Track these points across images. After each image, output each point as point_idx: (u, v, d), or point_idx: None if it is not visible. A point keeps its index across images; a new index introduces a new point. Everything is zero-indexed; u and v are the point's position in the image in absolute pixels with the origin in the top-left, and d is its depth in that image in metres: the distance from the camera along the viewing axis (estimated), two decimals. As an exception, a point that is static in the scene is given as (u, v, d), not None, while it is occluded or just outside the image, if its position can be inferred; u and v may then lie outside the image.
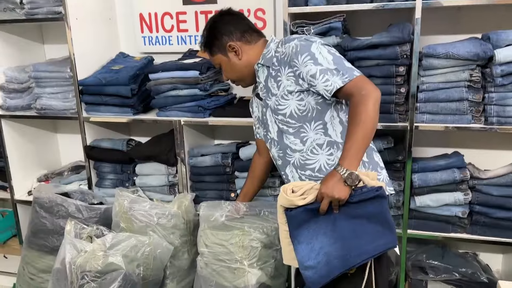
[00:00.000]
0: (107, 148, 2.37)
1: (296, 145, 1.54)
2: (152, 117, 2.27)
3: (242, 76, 1.66)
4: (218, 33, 1.61)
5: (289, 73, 1.49)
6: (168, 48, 2.52)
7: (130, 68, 2.30)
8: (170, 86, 2.18)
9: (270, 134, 1.64)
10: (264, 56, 1.59)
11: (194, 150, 2.27)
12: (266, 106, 1.61)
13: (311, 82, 1.44)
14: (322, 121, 1.50)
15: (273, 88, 1.55)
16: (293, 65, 1.47)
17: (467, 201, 1.93)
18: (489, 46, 1.76)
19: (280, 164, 1.64)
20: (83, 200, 2.34)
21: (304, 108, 1.50)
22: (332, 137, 1.51)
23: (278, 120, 1.56)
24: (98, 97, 2.28)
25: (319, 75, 1.41)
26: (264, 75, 1.60)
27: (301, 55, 1.44)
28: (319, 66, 1.41)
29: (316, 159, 1.52)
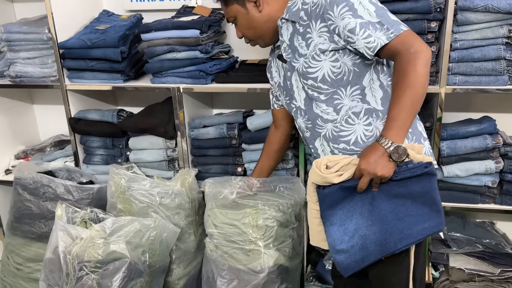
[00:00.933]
0: (95, 120, 2.11)
1: (329, 114, 1.33)
2: (146, 84, 2.01)
3: (262, 32, 1.42)
4: None
5: (321, 28, 1.26)
6: (159, 4, 2.22)
7: (118, 27, 2.01)
8: (166, 48, 1.91)
9: (295, 102, 1.43)
10: (289, 9, 1.35)
11: (196, 121, 2.03)
12: (292, 69, 1.38)
13: (349, 39, 1.22)
14: (359, 86, 1.29)
15: (300, 47, 1.32)
16: (327, 18, 1.24)
17: (499, 169, 1.79)
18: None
19: (308, 136, 1.43)
20: (69, 179, 2.09)
21: (339, 71, 1.28)
22: (371, 104, 1.30)
23: (307, 86, 1.34)
24: (83, 61, 1.99)
25: (359, 29, 1.19)
26: (288, 32, 1.37)
27: (337, 5, 1.22)
28: (359, 18, 1.19)
29: (352, 129, 1.31)
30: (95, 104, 2.27)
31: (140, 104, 2.34)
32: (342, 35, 1.23)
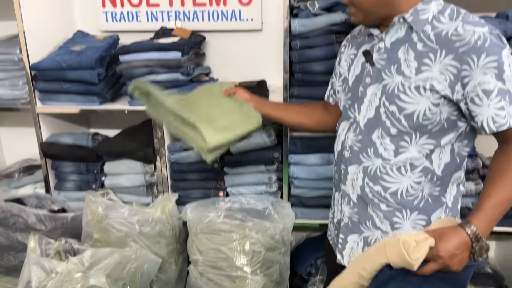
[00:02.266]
0: (68, 145, 2.01)
1: (386, 151, 1.16)
2: (124, 107, 1.93)
3: (374, 10, 1.13)
4: None
5: (450, 67, 1.05)
6: (136, 25, 2.17)
7: (95, 48, 1.94)
8: (146, 70, 1.86)
9: (356, 114, 1.22)
10: (416, 13, 1.10)
11: (176, 144, 1.97)
12: (377, 79, 1.16)
13: (477, 99, 1.03)
14: (435, 142, 1.13)
15: (406, 65, 1.10)
16: (466, 60, 1.02)
17: (479, 191, 1.83)
18: (509, 24, 1.63)
19: (346, 156, 1.24)
20: (39, 206, 1.98)
21: (431, 117, 1.10)
22: (433, 165, 1.15)
23: (387, 110, 1.14)
24: (57, 83, 1.90)
25: (496, 95, 1.01)
26: (395, 36, 1.14)
27: (486, 54, 1.01)
28: (500, 82, 1.01)
29: (399, 180, 1.17)
30: (68, 127, 2.17)
31: (116, 127, 2.26)
32: (468, 90, 1.04)
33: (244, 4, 2.07)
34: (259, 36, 2.13)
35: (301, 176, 1.89)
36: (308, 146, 1.88)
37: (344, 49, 1.34)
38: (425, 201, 1.18)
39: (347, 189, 1.27)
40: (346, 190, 1.28)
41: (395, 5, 1.11)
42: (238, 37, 2.16)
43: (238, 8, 2.08)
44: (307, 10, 1.71)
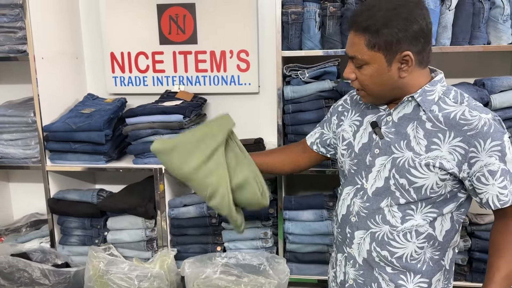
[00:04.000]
0: (74, 201, 2.11)
1: (394, 218, 1.22)
2: (129, 165, 2.06)
3: (382, 94, 1.20)
4: (402, 29, 1.09)
5: (457, 147, 1.13)
6: (142, 89, 2.34)
7: (104, 111, 2.09)
8: (150, 131, 2.00)
9: (364, 182, 1.26)
10: (424, 93, 1.17)
11: (176, 200, 2.07)
12: (386, 152, 1.22)
13: (483, 178, 1.12)
14: (438, 211, 1.21)
15: (416, 142, 1.17)
16: (473, 144, 1.11)
17: (467, 247, 1.89)
18: (485, 92, 1.76)
19: (353, 221, 1.28)
20: (44, 261, 2.05)
21: (438, 190, 1.18)
22: (435, 231, 1.23)
23: (397, 182, 1.20)
24: (66, 144, 2.04)
25: (499, 175, 1.11)
26: (402, 112, 1.21)
27: (492, 139, 1.11)
28: (503, 164, 1.11)
29: (405, 246, 1.23)
30: (74, 184, 2.28)
31: (120, 183, 2.37)
32: (474, 169, 1.12)
33: (243, 70, 2.24)
34: (256, 99, 2.29)
35: (295, 231, 1.97)
36: (301, 202, 1.97)
37: (346, 112, 1.37)
38: (427, 265, 1.25)
39: (353, 252, 1.31)
40: (352, 253, 1.31)
41: (405, 88, 1.18)
42: (237, 99, 2.31)
43: (237, 74, 2.25)
44: (298, 78, 1.87)
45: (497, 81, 1.78)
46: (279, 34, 1.81)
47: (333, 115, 1.42)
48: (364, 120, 1.29)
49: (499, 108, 1.76)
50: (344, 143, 1.33)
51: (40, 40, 2.00)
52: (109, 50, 2.31)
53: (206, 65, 2.27)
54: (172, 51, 2.27)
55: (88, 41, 2.36)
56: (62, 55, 2.19)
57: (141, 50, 2.29)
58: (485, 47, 1.77)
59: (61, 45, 2.18)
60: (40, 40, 2.00)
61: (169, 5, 2.22)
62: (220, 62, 2.26)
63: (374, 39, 1.11)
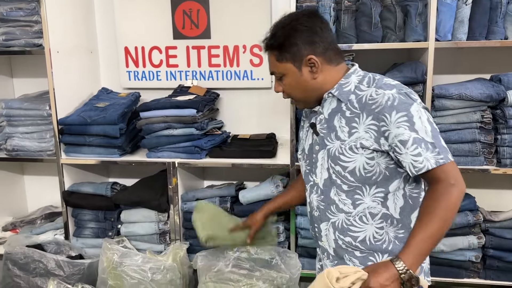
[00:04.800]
0: (88, 193, 2.13)
1: (345, 205, 1.30)
2: (142, 159, 2.07)
3: (307, 97, 1.35)
4: (299, 39, 1.27)
5: (370, 125, 1.22)
6: (156, 83, 2.35)
7: (118, 105, 2.10)
8: (164, 125, 2.01)
9: (315, 177, 1.38)
10: (340, 87, 1.30)
11: (189, 193, 2.08)
12: (322, 146, 1.33)
13: (397, 148, 1.18)
14: (385, 189, 1.27)
15: (341, 130, 1.28)
16: (381, 118, 1.20)
17: (481, 244, 1.87)
18: (501, 87, 1.75)
19: (316, 216, 1.39)
20: (58, 252, 2.08)
21: (371, 169, 1.25)
22: (389, 210, 1.28)
23: (334, 170, 1.30)
24: (81, 137, 2.06)
25: (411, 144, 1.16)
26: (330, 107, 1.32)
27: (396, 112, 1.18)
28: (414, 133, 1.16)
29: (364, 228, 1.30)
30: (88, 177, 2.31)
31: (133, 177, 2.39)
32: (390, 142, 1.20)
33: (256, 65, 2.24)
34: (268, 94, 2.28)
35: (307, 226, 1.96)
36: (314, 198, 1.97)
37: (303, 123, 1.52)
38: (393, 244, 1.30)
39: (324, 244, 1.40)
40: (324, 245, 1.40)
41: (322, 87, 1.32)
42: (250, 94, 2.31)
43: (250, 69, 2.25)
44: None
45: (514, 77, 1.76)
46: (293, 29, 1.80)
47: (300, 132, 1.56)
48: (307, 123, 1.43)
49: (516, 104, 1.74)
50: (300, 149, 1.49)
51: (56, 34, 2.02)
52: (123, 44, 2.33)
53: (219, 60, 2.27)
54: (185, 46, 2.28)
55: (102, 35, 2.37)
56: (77, 49, 2.21)
57: (155, 44, 2.30)
58: (502, 42, 1.75)
59: (76, 39, 2.20)
60: (55, 34, 2.02)
61: (183, 0, 2.22)
62: (233, 57, 2.26)
63: (280, 53, 1.30)
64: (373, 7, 1.76)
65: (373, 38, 1.78)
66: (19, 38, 2.06)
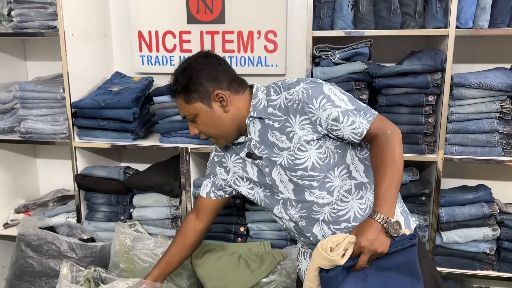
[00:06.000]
0: (101, 177, 2.14)
1: (324, 198, 1.33)
2: (155, 143, 2.07)
3: (226, 131, 1.38)
4: (202, 78, 1.33)
5: (303, 121, 1.29)
6: (169, 68, 2.33)
7: (132, 90, 2.10)
8: (177, 110, 1.99)
9: (281, 195, 1.40)
10: (255, 107, 1.36)
11: (201, 179, 2.07)
12: (272, 164, 1.36)
13: (334, 127, 1.27)
14: (344, 165, 1.33)
15: (280, 141, 1.33)
16: (308, 111, 1.28)
17: (496, 236, 1.85)
18: (522, 77, 1.71)
19: (304, 225, 1.39)
20: (70, 235, 2.09)
21: (325, 156, 1.31)
22: (357, 179, 1.34)
23: (297, 177, 1.33)
24: (95, 120, 2.06)
25: (342, 117, 1.26)
26: (256, 129, 1.37)
27: (315, 98, 1.27)
28: (338, 108, 1.26)
29: (348, 207, 1.34)
30: (100, 161, 2.31)
31: (145, 161, 2.39)
32: (324, 125, 1.28)
33: (270, 51, 2.21)
34: (283, 80, 2.26)
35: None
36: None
37: (223, 158, 1.50)
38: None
39: None
40: None
41: (238, 115, 1.36)
42: (263, 81, 2.24)
43: (264, 55, 2.22)
44: (328, 59, 1.83)
45: (536, 66, 1.71)
46: (310, 13, 1.77)
47: (214, 167, 1.54)
48: (241, 155, 1.44)
49: (536, 95, 1.70)
50: (244, 181, 1.47)
51: (70, 17, 2.01)
52: (136, 28, 2.31)
53: (233, 46, 2.25)
54: (199, 31, 2.25)
55: (116, 19, 2.36)
56: (91, 32, 2.20)
57: (169, 29, 2.28)
58: (525, 30, 1.71)
59: (90, 22, 2.19)
60: (70, 16, 2.01)
61: (197, -16, 2.20)
62: (247, 42, 2.23)
63: (187, 96, 1.34)
64: (393, -8, 1.72)
65: (392, 24, 1.75)
66: (34, 20, 2.05)
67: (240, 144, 1.43)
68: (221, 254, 1.88)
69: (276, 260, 1.83)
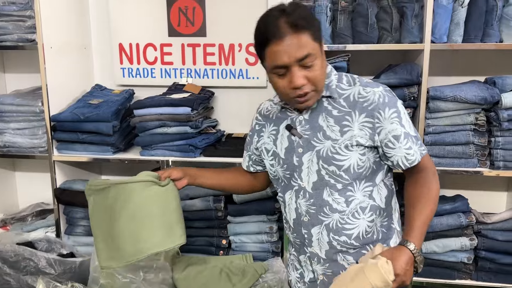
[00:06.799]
0: (80, 191, 2.11)
1: (339, 204, 1.28)
2: (136, 157, 2.06)
3: (322, 88, 1.23)
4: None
5: (365, 123, 1.23)
6: (150, 81, 2.34)
7: (112, 102, 2.09)
8: (158, 123, 2.00)
9: (299, 182, 1.31)
10: (328, 86, 1.26)
11: (182, 192, 2.07)
12: (309, 148, 1.28)
13: (391, 143, 1.22)
14: (372, 183, 1.29)
15: (330, 130, 1.25)
16: (375, 115, 1.22)
17: (473, 246, 1.89)
18: (496, 90, 1.76)
19: (306, 221, 1.32)
20: (49, 250, 2.05)
21: (363, 165, 1.26)
22: (376, 201, 1.30)
23: (327, 171, 1.26)
24: (74, 134, 2.04)
25: (403, 138, 1.22)
26: (310, 109, 1.27)
27: (389, 108, 1.22)
28: (403, 128, 1.23)
29: (356, 224, 1.29)
30: (80, 174, 2.29)
31: (126, 175, 2.37)
32: (383, 137, 1.23)
33: (251, 64, 2.23)
34: (264, 92, 2.28)
35: (301, 227, 1.97)
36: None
37: (263, 128, 1.40)
38: (382, 233, 1.32)
39: (315, 249, 1.34)
40: (314, 251, 1.34)
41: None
42: (245, 93, 2.30)
43: (245, 67, 2.24)
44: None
45: (508, 80, 1.77)
46: (289, 28, 1.80)
47: (252, 136, 1.46)
48: (280, 127, 1.35)
49: (509, 107, 1.75)
50: (269, 154, 1.39)
51: (49, 30, 2.00)
52: (117, 41, 2.31)
53: (214, 58, 2.26)
54: (180, 43, 2.26)
55: (96, 31, 2.35)
56: (70, 45, 2.19)
57: (150, 41, 2.29)
58: (497, 45, 1.76)
59: (70, 35, 2.18)
60: (49, 29, 2.00)
61: (178, -3, 2.21)
62: (228, 55, 2.25)
63: (315, 32, 1.16)
64: (369, 8, 1.76)
65: (369, 39, 1.78)
66: (12, 33, 2.03)
67: (284, 114, 1.33)
68: (202, 268, 1.87)
69: (258, 273, 1.83)
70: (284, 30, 1.13)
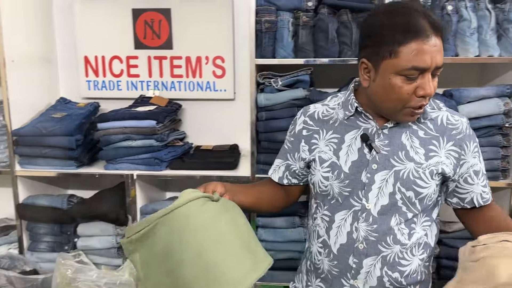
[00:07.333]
0: (43, 206, 2.07)
1: (403, 235, 1.14)
2: (100, 171, 2.03)
3: None
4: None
5: (451, 151, 1.15)
6: (116, 93, 2.32)
7: (75, 116, 2.06)
8: (122, 137, 1.98)
9: (364, 203, 1.15)
10: None
11: (148, 206, 2.05)
12: (386, 166, 1.14)
13: (469, 179, 1.16)
14: (430, 218, 1.19)
15: (414, 151, 1.13)
16: (462, 147, 1.15)
17: (435, 255, 1.92)
18: (453, 102, 1.80)
19: (361, 249, 1.16)
20: (12, 267, 2.01)
21: (434, 197, 1.17)
22: (428, 238, 1.20)
23: (403, 196, 1.13)
24: (36, 148, 2.00)
25: (481, 175, 1.17)
26: (392, 123, 1.16)
27: (473, 141, 1.17)
28: (482, 164, 1.18)
29: (411, 261, 1.17)
30: (45, 189, 2.24)
31: (92, 188, 2.33)
32: (464, 171, 1.16)
33: (218, 76, 2.24)
34: (232, 105, 2.29)
35: (268, 238, 1.97)
36: (274, 210, 1.97)
37: (316, 134, 1.24)
38: (424, 274, 1.23)
39: (357, 283, 1.19)
40: (356, 284, 1.20)
41: None
42: (213, 105, 2.31)
43: (212, 80, 2.25)
44: (271, 86, 1.87)
45: (465, 92, 1.81)
46: (252, 42, 1.81)
47: (297, 142, 1.28)
48: (345, 137, 1.19)
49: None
50: (324, 165, 1.20)
51: (11, 43, 1.97)
52: (82, 53, 2.29)
53: (181, 71, 2.26)
54: (147, 56, 2.26)
55: (61, 44, 2.32)
56: (34, 58, 2.16)
57: (116, 54, 2.27)
58: (453, 59, 1.81)
59: (33, 48, 2.15)
60: (11, 42, 1.96)
61: (144, 10, 2.21)
62: (195, 68, 2.25)
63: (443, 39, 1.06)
64: (329, 23, 1.79)
65: (330, 53, 1.81)
66: (-29, 46, 1.99)
67: (354, 123, 1.18)
68: None
69: None
70: (428, 29, 1.02)
